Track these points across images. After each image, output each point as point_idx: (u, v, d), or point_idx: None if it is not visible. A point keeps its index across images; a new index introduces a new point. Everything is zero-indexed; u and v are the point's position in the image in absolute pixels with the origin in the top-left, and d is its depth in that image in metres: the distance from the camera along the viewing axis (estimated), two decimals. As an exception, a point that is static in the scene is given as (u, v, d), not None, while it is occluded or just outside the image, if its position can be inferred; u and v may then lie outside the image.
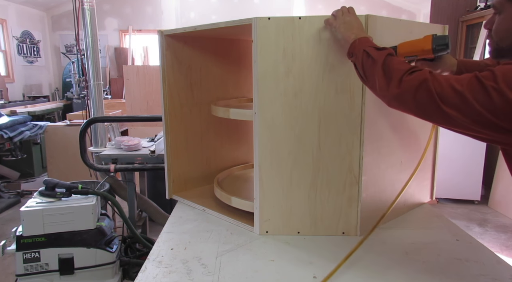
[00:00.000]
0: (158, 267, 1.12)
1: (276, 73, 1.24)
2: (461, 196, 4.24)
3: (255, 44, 1.23)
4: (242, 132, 1.98)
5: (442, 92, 0.87)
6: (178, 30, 1.54)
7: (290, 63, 1.23)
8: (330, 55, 1.23)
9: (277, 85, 1.25)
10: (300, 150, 1.29)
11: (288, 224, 1.33)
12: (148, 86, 4.30)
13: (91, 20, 2.74)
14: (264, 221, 1.32)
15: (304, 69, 1.24)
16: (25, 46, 7.42)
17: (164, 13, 8.14)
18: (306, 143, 1.28)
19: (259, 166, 1.30)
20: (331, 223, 1.32)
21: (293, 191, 1.31)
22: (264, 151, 1.29)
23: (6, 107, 5.46)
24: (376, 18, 1.21)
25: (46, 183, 2.01)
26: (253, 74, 1.25)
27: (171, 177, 1.73)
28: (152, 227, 3.14)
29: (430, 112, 0.91)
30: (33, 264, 1.89)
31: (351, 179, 1.29)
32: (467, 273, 1.08)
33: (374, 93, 1.06)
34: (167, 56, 1.62)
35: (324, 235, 1.32)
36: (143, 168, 2.57)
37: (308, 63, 1.24)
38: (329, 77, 1.24)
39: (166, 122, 1.67)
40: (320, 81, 1.24)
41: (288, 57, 1.23)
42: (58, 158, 4.23)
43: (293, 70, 1.24)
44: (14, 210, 4.09)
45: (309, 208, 1.32)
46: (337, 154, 1.28)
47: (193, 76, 1.74)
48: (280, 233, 1.33)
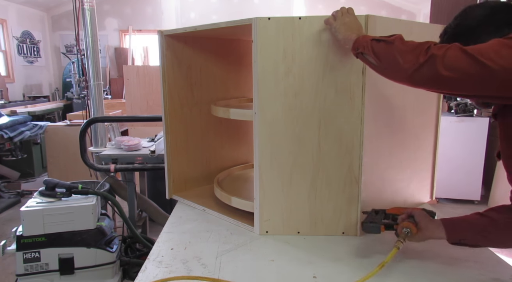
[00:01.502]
0: (158, 267, 1.12)
1: (276, 73, 1.24)
2: (461, 196, 4.24)
3: (255, 44, 1.23)
4: (242, 133, 1.99)
5: (473, 48, 0.88)
6: (178, 30, 1.54)
7: (290, 63, 1.24)
8: (330, 55, 1.23)
9: (277, 85, 1.25)
10: (300, 149, 1.29)
11: (288, 224, 1.33)
12: (148, 86, 4.30)
13: (91, 20, 2.74)
14: (264, 221, 1.33)
15: (304, 69, 1.24)
16: (25, 46, 7.42)
17: (164, 13, 8.14)
18: (306, 142, 1.28)
19: (259, 165, 1.30)
20: (331, 223, 1.32)
21: (293, 191, 1.31)
22: (264, 150, 1.29)
23: (6, 107, 5.46)
24: (376, 18, 1.21)
25: (46, 183, 2.01)
26: (253, 74, 1.25)
27: (171, 177, 1.73)
28: (152, 227, 3.14)
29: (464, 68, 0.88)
30: (33, 264, 1.89)
31: (351, 179, 1.29)
32: (467, 273, 1.08)
33: (391, 74, 1.03)
34: (167, 56, 1.62)
35: (324, 235, 1.32)
36: (143, 168, 2.57)
37: (308, 63, 1.24)
38: (329, 77, 1.24)
39: (166, 122, 1.67)
40: (320, 81, 1.24)
41: (288, 57, 1.23)
42: (58, 158, 4.23)
43: (293, 70, 1.24)
44: (14, 210, 4.09)
45: (309, 208, 1.32)
46: (337, 153, 1.28)
47: (193, 76, 1.74)
48: (280, 233, 1.33)
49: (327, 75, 1.24)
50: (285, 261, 1.16)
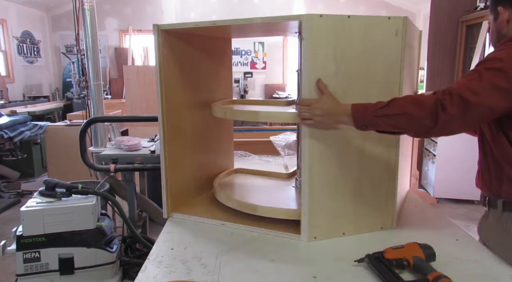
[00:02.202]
0: (158, 267, 1.12)
1: (326, 72, 1.20)
2: (461, 196, 4.24)
3: (306, 42, 1.17)
4: (223, 137, 1.88)
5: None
6: (175, 25, 1.41)
7: (339, 62, 1.21)
8: (374, 54, 1.23)
9: (328, 84, 1.20)
10: (346, 149, 1.28)
11: (335, 227, 1.31)
12: (148, 86, 4.30)
13: (91, 20, 2.74)
14: (312, 227, 1.28)
15: (352, 68, 1.23)
16: (25, 46, 7.42)
17: (164, 13, 8.14)
18: (351, 142, 1.27)
19: (308, 170, 1.25)
20: (372, 220, 1.35)
21: (338, 193, 1.29)
22: (313, 154, 1.24)
23: (6, 107, 5.46)
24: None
25: (46, 183, 2.01)
26: (303, 74, 1.20)
27: (168, 191, 1.53)
28: (152, 227, 3.14)
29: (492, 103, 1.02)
30: (33, 264, 1.89)
31: (389, 176, 1.32)
32: (467, 273, 1.08)
33: (420, 136, 1.15)
34: (163, 53, 1.45)
35: (366, 232, 1.34)
36: (143, 168, 2.57)
37: (356, 62, 1.23)
38: (373, 77, 1.24)
39: (163, 126, 1.49)
40: (365, 80, 1.24)
41: (337, 56, 1.20)
42: (58, 158, 4.23)
43: (342, 69, 1.21)
44: (14, 210, 4.10)
45: (353, 208, 1.32)
46: (379, 150, 1.30)
47: (193, 75, 1.64)
48: (327, 237, 1.30)
49: (371, 74, 1.24)
50: (285, 261, 1.16)
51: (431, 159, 4.46)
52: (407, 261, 1.07)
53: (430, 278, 0.99)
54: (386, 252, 1.10)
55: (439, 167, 4.26)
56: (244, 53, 8.42)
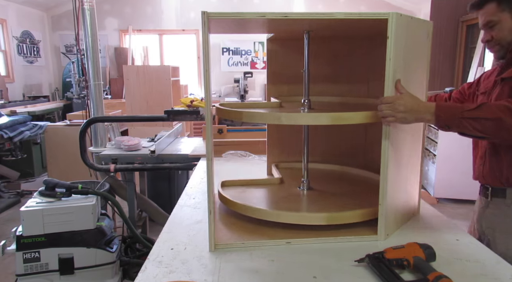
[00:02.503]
0: (158, 267, 1.12)
1: (403, 70, 1.24)
2: (461, 196, 4.24)
3: (391, 40, 1.19)
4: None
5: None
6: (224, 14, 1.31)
7: (411, 60, 1.29)
8: (417, 54, 1.34)
9: (404, 82, 1.23)
10: (413, 147, 1.38)
11: (397, 221, 1.37)
12: (148, 86, 4.30)
13: (91, 20, 2.74)
14: (388, 225, 1.30)
15: (419, 66, 1.33)
16: (25, 46, 7.42)
17: (164, 13, 8.14)
18: (417, 138, 1.39)
19: (388, 169, 1.25)
20: (409, 209, 1.47)
21: (408, 189, 1.41)
22: (391, 152, 1.25)
23: (6, 107, 5.46)
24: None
25: (46, 183, 2.01)
26: (386, 72, 1.21)
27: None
28: (152, 227, 3.15)
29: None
30: (33, 264, 1.89)
31: (419, 166, 1.49)
32: (467, 273, 1.08)
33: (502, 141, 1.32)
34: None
35: (406, 221, 1.44)
36: (143, 168, 2.57)
37: (421, 61, 1.35)
38: (416, 76, 1.33)
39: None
40: (412, 79, 1.30)
41: (410, 54, 1.27)
42: (58, 158, 4.24)
43: (412, 67, 1.30)
44: (14, 210, 4.10)
45: (407, 200, 1.42)
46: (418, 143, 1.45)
47: None
48: (393, 232, 1.35)
49: (415, 72, 1.33)
50: (285, 261, 1.16)
51: (431, 159, 4.46)
52: (407, 261, 1.07)
53: (430, 278, 0.99)
54: (386, 252, 1.09)
55: (439, 167, 4.26)
56: (244, 53, 8.40)
